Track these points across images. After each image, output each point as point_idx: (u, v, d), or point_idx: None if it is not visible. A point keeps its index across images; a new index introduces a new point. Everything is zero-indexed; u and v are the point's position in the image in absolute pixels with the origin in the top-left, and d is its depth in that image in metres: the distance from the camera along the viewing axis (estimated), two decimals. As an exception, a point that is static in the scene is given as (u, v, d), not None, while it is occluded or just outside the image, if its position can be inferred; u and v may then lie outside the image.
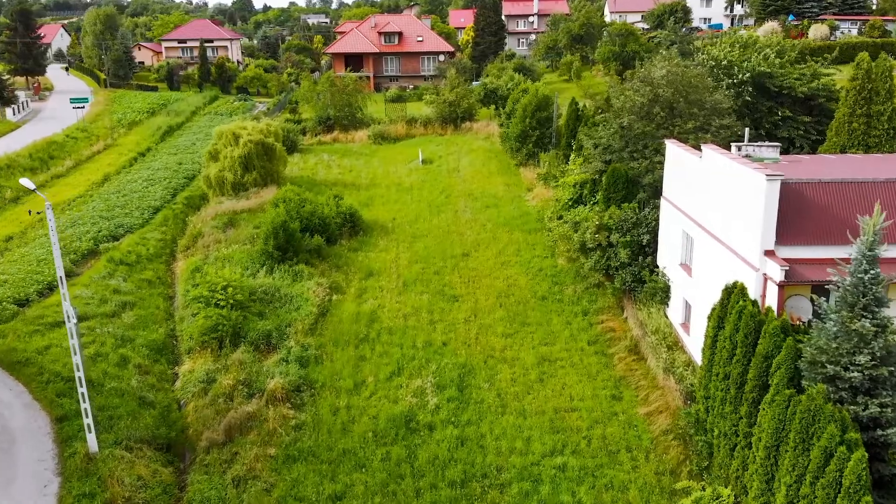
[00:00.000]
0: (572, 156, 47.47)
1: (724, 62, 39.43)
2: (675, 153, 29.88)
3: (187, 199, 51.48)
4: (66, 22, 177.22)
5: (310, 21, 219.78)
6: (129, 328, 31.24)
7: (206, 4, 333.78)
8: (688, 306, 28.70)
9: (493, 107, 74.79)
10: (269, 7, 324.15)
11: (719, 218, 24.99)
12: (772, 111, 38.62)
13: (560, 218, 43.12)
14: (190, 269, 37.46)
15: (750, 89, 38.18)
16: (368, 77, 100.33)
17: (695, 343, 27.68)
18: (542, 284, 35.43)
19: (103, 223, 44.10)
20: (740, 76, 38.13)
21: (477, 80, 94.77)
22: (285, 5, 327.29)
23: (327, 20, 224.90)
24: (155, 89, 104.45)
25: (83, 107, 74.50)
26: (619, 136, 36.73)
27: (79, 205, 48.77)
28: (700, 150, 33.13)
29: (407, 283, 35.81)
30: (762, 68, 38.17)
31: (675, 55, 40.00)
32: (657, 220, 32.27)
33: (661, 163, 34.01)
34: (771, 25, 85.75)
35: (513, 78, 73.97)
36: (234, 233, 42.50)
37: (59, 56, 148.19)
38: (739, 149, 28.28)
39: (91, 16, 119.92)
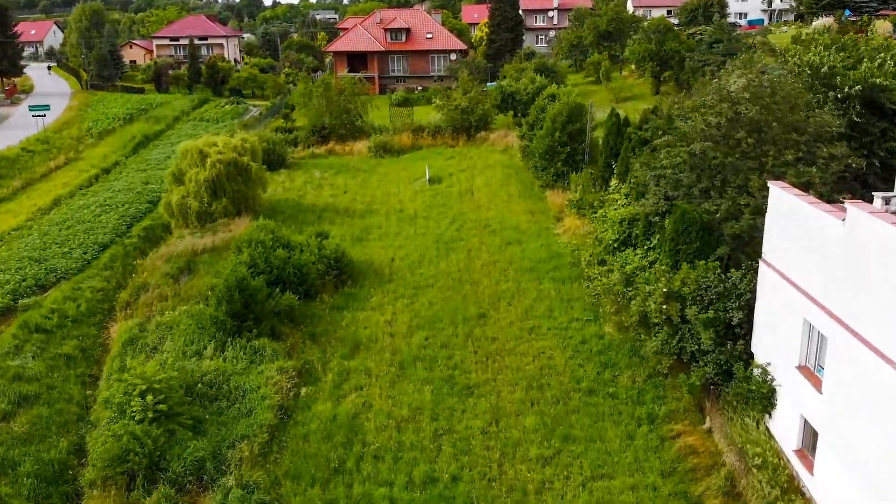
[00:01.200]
0: (613, 181, 38.30)
1: (824, 70, 30.08)
2: (788, 203, 20.68)
3: (146, 230, 42.68)
4: (60, 19, 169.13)
5: (318, 17, 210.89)
6: (18, 442, 22.45)
7: (216, 1, 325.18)
8: (810, 430, 19.57)
9: (510, 113, 65.68)
10: (279, 3, 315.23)
11: (885, 320, 15.83)
12: (886, 135, 29.30)
13: (603, 263, 34.06)
14: (122, 341, 28.64)
15: (857, 106, 28.88)
16: (373, 78, 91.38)
17: (823, 490, 18.65)
18: (587, 367, 26.33)
19: (31, 268, 35.39)
20: (846, 89, 28.80)
21: (492, 82, 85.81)
22: (295, 1, 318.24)
23: (336, 16, 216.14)
24: (141, 91, 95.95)
25: (44, 115, 65.98)
26: (689, 168, 27.58)
27: (12, 240, 40.07)
28: (809, 190, 24.04)
29: (404, 364, 26.80)
30: (877, 79, 28.83)
31: (758, 59, 30.82)
32: (753, 291, 23.11)
33: (749, 206, 24.91)
34: (825, 22, 76.09)
35: (534, 80, 64.80)
36: (188, 283, 33.69)
37: (51, 54, 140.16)
38: (887, 202, 19.10)
39: (77, 11, 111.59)
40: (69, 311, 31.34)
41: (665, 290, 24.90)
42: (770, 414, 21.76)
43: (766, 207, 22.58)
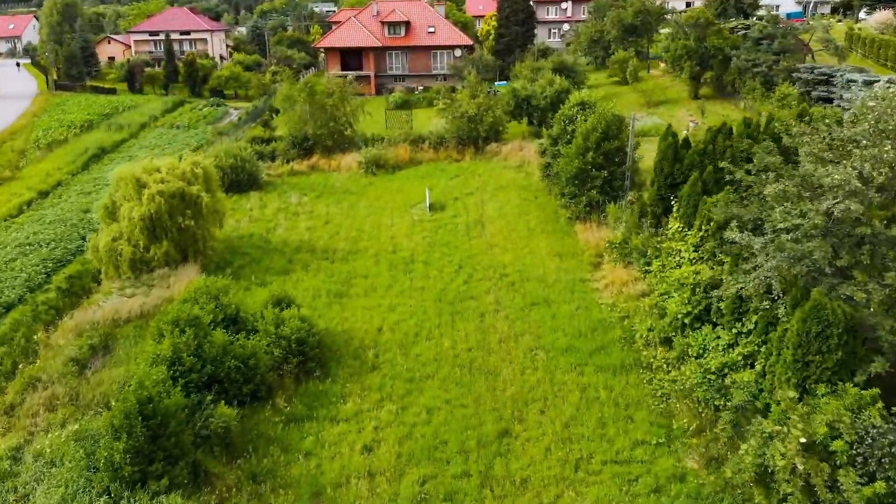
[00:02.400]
0: (673, 222, 29.02)
1: None
2: None
3: (70, 281, 33.41)
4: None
5: (316, 9, 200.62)
6: None
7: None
8: None
9: (524, 121, 56.32)
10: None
11: None
12: None
13: (668, 343, 24.93)
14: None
15: None
16: (368, 77, 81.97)
17: None
18: (669, 547, 17.06)
19: None
20: None
21: (502, 81, 76.33)
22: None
23: (335, 8, 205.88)
24: (112, 92, 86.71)
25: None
26: (822, 234, 18.28)
27: None
28: None
29: (389, 537, 17.61)
30: None
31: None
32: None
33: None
34: (885, 15, 66.42)
35: (552, 82, 55.33)
36: (97, 375, 24.47)
37: (29, 51, 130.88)
38: None
39: (48, 4, 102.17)
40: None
41: (803, 437, 15.63)
42: None
43: None
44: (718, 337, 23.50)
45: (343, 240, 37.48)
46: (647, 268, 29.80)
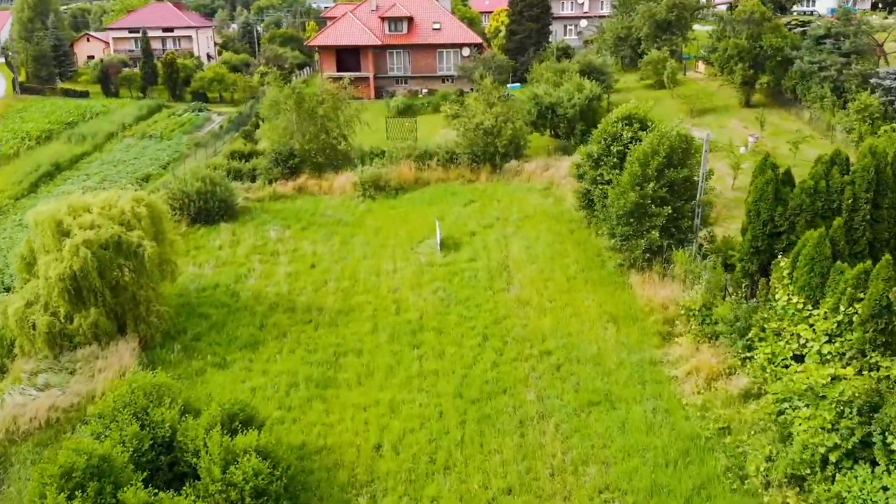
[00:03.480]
0: (782, 293, 21.00)
1: None
2: None
3: (-30, 355, 25.34)
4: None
5: (314, 5, 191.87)
6: None
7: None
8: None
9: (547, 131, 48.28)
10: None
11: None
12: None
13: (800, 483, 17.03)
14: None
15: None
16: (367, 79, 73.82)
17: None
18: None
19: None
20: None
21: (514, 84, 68.22)
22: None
23: (332, 2, 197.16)
24: (85, 95, 78.63)
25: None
26: None
27: None
28: None
29: None
30: None
31: None
32: None
33: None
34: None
35: (581, 87, 47.26)
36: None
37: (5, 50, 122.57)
38: None
39: (19, 0, 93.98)
40: None
41: None
42: None
43: None
44: (887, 488, 15.62)
45: (332, 293, 29.37)
46: (746, 353, 21.72)
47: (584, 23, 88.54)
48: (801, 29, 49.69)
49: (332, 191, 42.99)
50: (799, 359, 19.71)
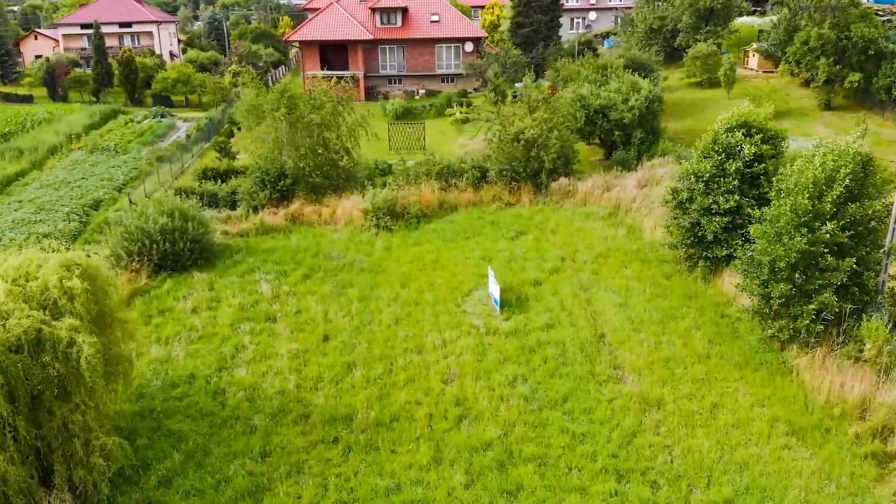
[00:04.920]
0: None
1: None
2: None
3: None
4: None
5: (284, 1, 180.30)
6: None
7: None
8: None
9: (596, 141, 39.56)
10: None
11: None
12: None
13: None
14: None
15: None
16: (355, 78, 64.34)
17: None
18: None
19: None
20: None
21: (519, 83, 59.36)
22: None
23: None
24: (29, 100, 68.04)
25: None
26: None
27: None
28: None
29: None
30: None
31: None
32: None
33: None
34: None
35: (637, 86, 38.59)
36: None
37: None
38: None
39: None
40: None
41: None
42: None
43: None
44: None
45: (360, 387, 20.08)
46: None
47: (592, 15, 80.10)
48: (885, 18, 41.43)
49: (335, 220, 33.65)
50: None
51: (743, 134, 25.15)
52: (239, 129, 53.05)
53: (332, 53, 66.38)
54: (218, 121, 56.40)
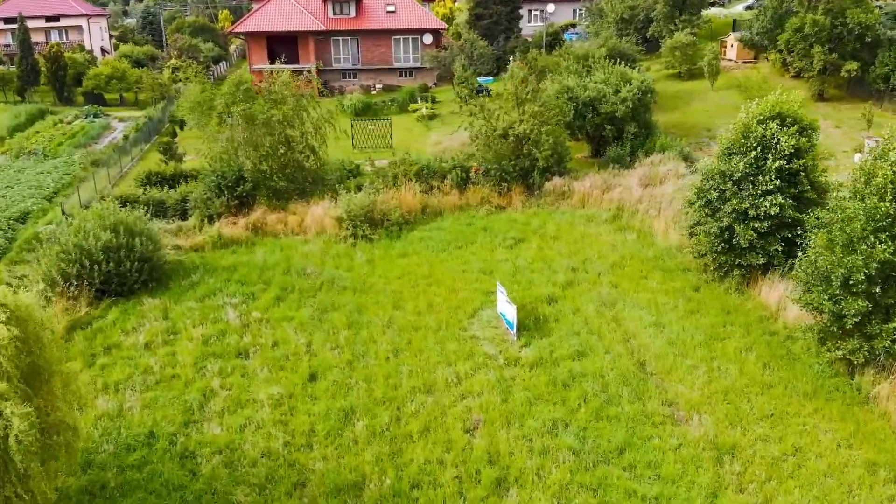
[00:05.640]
0: None
1: None
2: None
3: None
4: None
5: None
6: None
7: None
8: None
9: (584, 136, 36.40)
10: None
11: None
12: None
13: None
14: None
15: None
16: (304, 72, 59.73)
17: None
18: None
19: None
20: None
21: (487, 77, 56.15)
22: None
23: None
24: (-58, 100, 61.38)
25: None
26: None
27: None
28: None
29: None
30: None
31: None
32: None
33: None
34: None
35: (628, 77, 35.62)
36: None
37: None
38: None
39: None
40: None
41: None
42: None
43: None
44: None
45: (364, 443, 16.20)
46: None
47: (551, 7, 77.18)
48: (877, 3, 39.40)
49: (303, 229, 29.55)
50: None
51: (777, 125, 22.21)
52: (182, 127, 48.25)
53: (281, 46, 61.72)
54: (158, 119, 51.37)
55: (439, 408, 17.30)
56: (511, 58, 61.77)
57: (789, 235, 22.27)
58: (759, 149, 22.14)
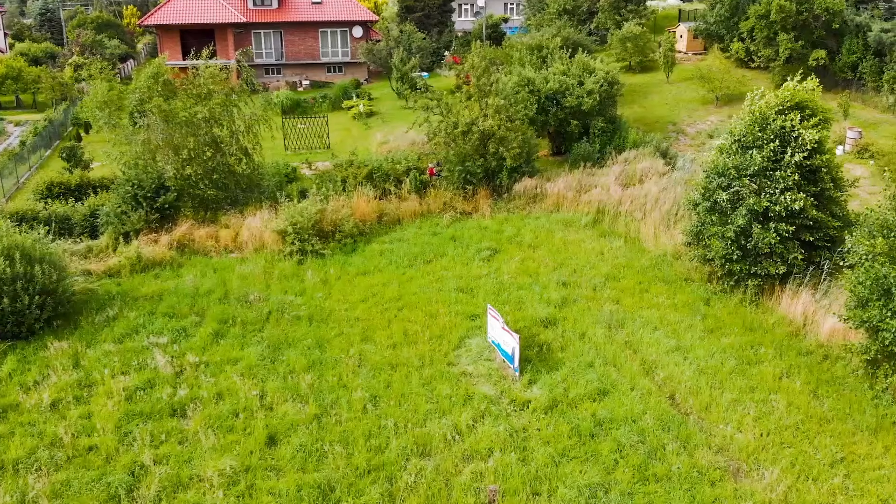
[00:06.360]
0: None
1: None
2: None
3: None
4: None
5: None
6: None
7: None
8: None
9: (543, 131, 33.30)
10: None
11: None
12: None
13: None
14: None
15: None
16: (233, 66, 54.73)
17: None
18: None
19: None
20: None
21: (424, 73, 52.75)
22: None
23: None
24: None
25: None
26: None
27: None
28: None
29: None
30: None
31: None
32: None
33: None
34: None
35: (590, 68, 32.76)
36: None
37: None
38: None
39: None
40: None
41: None
42: None
43: None
44: None
45: (355, 530, 12.39)
46: None
47: (481, 1, 74.18)
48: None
49: (239, 246, 25.26)
50: None
51: (802, 117, 19.52)
52: (88, 130, 42.78)
53: (197, 40, 56.17)
54: (60, 122, 45.57)
55: (441, 477, 13.61)
56: (446, 52, 58.96)
57: (811, 239, 19.66)
58: (776, 140, 19.38)
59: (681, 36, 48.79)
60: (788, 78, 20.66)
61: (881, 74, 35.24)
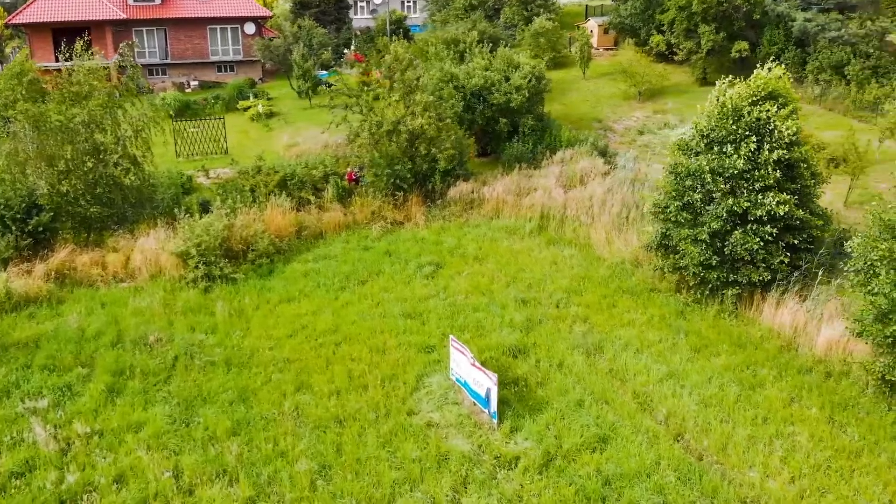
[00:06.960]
0: None
1: None
2: None
3: None
4: None
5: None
6: None
7: None
8: None
9: (469, 131, 30.58)
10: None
11: None
12: None
13: None
14: None
15: None
16: (106, 69, 49.20)
17: None
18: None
19: None
20: None
21: (323, 72, 49.14)
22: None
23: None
24: None
25: None
26: None
27: None
28: None
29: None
30: None
31: None
32: None
33: None
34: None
35: (514, 63, 30.41)
36: None
37: None
38: None
39: None
40: None
41: None
42: None
43: None
44: None
45: None
46: None
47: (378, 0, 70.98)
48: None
49: (132, 273, 21.23)
50: None
51: (777, 108, 17.66)
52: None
53: (71, 39, 50.34)
54: None
55: (428, 572, 10.58)
56: (346, 50, 55.45)
57: (795, 242, 17.85)
58: (752, 134, 17.44)
59: (591, 31, 47.45)
60: (706, 69, 18.82)
61: (804, 66, 34.80)
